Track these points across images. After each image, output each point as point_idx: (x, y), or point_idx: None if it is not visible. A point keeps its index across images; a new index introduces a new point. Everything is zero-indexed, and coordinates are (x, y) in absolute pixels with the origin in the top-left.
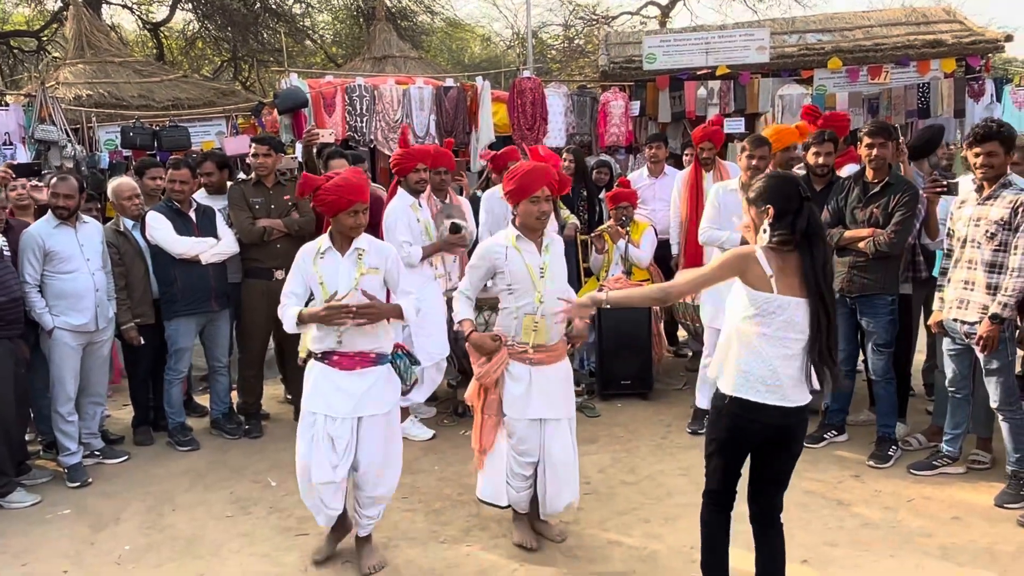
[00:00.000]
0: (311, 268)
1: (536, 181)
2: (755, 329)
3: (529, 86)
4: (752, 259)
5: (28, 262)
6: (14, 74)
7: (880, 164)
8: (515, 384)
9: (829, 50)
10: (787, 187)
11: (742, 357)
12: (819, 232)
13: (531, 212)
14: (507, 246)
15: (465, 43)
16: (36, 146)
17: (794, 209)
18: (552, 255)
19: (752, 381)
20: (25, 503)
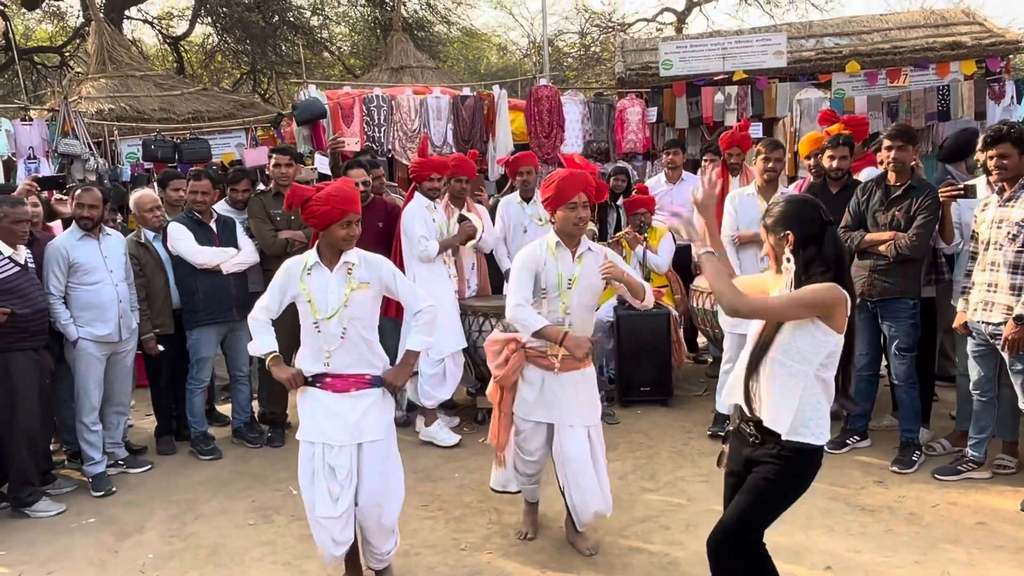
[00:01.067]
0: (298, 285)
1: (573, 187)
2: (829, 374)
3: (546, 94)
4: (842, 299)
5: (53, 274)
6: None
7: (901, 167)
8: (527, 387)
9: (847, 54)
10: (807, 211)
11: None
12: (844, 257)
13: (568, 218)
14: (545, 250)
15: (481, 52)
16: (59, 160)
17: (816, 234)
18: (584, 266)
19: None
20: (50, 512)
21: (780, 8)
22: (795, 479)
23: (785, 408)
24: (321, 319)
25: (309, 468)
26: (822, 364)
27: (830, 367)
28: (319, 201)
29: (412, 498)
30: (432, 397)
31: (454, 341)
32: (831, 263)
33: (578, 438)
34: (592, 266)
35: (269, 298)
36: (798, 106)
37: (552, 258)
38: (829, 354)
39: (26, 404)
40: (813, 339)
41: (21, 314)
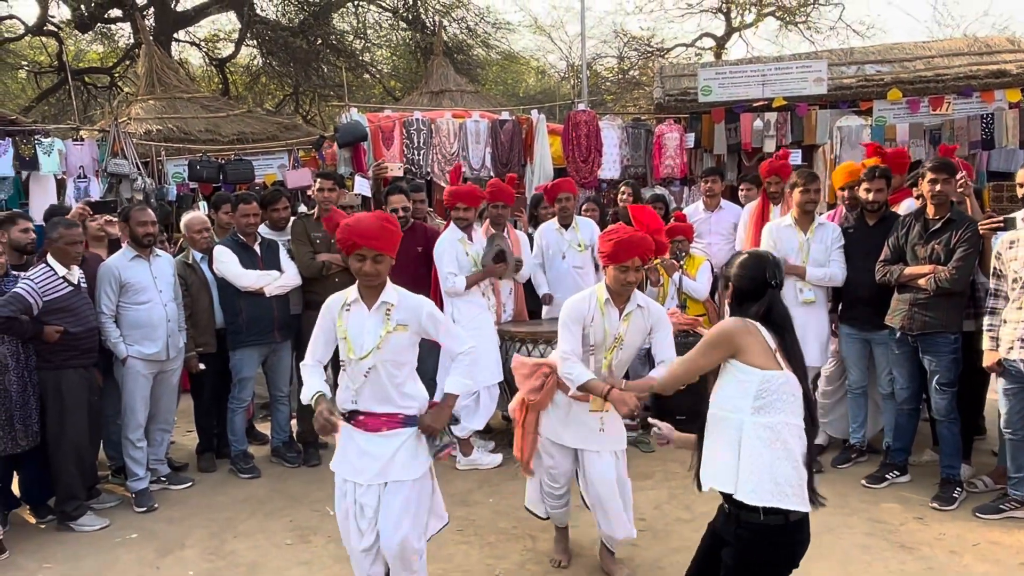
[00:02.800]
0: (335, 320)
1: (629, 251)
2: (779, 418)
3: (584, 119)
4: (751, 331)
5: (105, 293)
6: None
7: (942, 200)
8: (554, 409)
9: (889, 81)
10: (752, 268)
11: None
12: (781, 323)
13: (617, 279)
14: (594, 305)
15: (520, 76)
16: (108, 179)
17: (753, 292)
18: (631, 326)
19: (782, 484)
20: (95, 527)
21: (821, 34)
22: (759, 565)
23: (725, 462)
24: (354, 358)
25: (343, 503)
26: (755, 407)
27: (771, 410)
28: (341, 229)
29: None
30: (465, 428)
31: (491, 373)
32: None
33: (605, 463)
34: (639, 325)
35: (314, 344)
36: (838, 133)
37: (600, 315)
38: (759, 393)
39: (75, 420)
40: (736, 380)
41: (73, 332)
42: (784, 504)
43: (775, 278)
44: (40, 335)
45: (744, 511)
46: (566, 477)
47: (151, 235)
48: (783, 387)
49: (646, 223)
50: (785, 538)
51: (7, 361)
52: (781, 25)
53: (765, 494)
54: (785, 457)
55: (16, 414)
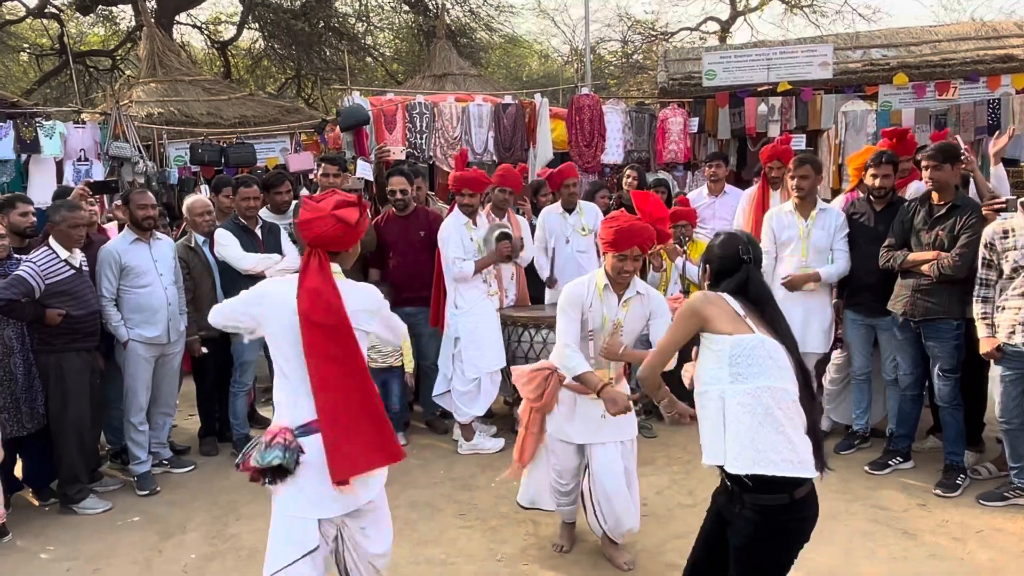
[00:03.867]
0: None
1: (629, 240)
2: (759, 382)
3: (587, 103)
4: (714, 299)
5: (105, 277)
6: (89, 92)
7: (941, 186)
8: (559, 407)
9: (895, 65)
10: (726, 246)
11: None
12: (758, 298)
13: (616, 267)
14: (593, 291)
15: (523, 60)
16: (110, 162)
17: (730, 270)
18: (630, 312)
19: (764, 451)
20: (97, 509)
21: (826, 18)
22: (768, 544)
23: (714, 435)
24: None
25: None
26: (732, 375)
27: (747, 376)
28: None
29: (449, 507)
30: (465, 414)
31: (494, 360)
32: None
33: (611, 455)
34: (638, 312)
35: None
36: (843, 118)
37: (599, 300)
38: (732, 359)
39: (77, 403)
40: (710, 352)
41: (75, 316)
42: (768, 470)
43: (748, 252)
44: (42, 318)
45: (748, 492)
46: (572, 474)
47: (151, 218)
48: (756, 350)
49: (649, 211)
50: (791, 515)
51: (12, 344)
52: (786, 9)
53: (746, 460)
54: (766, 422)
55: (22, 396)
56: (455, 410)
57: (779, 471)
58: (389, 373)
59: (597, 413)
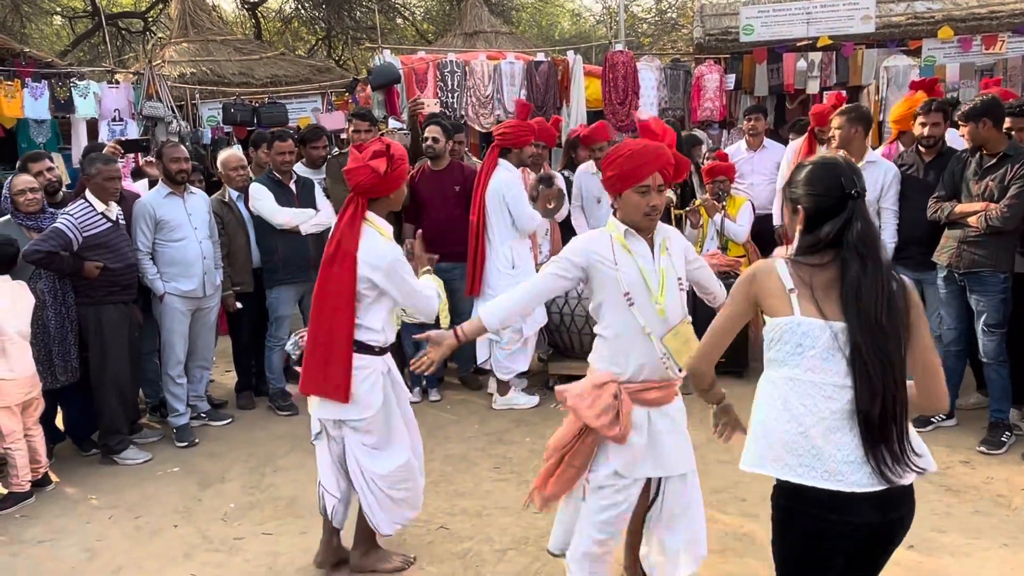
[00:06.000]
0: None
1: (645, 165)
2: (781, 372)
3: (621, 60)
4: (763, 273)
5: (140, 231)
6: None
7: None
8: (633, 434)
9: (940, 19)
10: (825, 179)
11: (761, 415)
12: (858, 247)
13: (638, 206)
14: (611, 244)
15: (555, 19)
16: (144, 122)
17: (831, 208)
18: (672, 256)
19: (776, 448)
20: (138, 460)
21: None
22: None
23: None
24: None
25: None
26: (767, 360)
27: (775, 364)
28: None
29: (485, 460)
30: (509, 371)
31: (541, 316)
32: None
33: (691, 487)
34: (679, 251)
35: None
36: (885, 74)
37: (626, 253)
38: (769, 343)
39: (116, 355)
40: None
41: (112, 268)
42: (780, 474)
43: (854, 186)
44: (80, 271)
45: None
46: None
47: (184, 171)
48: (785, 334)
49: (660, 135)
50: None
51: (45, 297)
52: None
53: (753, 456)
54: (783, 417)
55: (55, 349)
56: (499, 368)
57: (796, 477)
58: (423, 329)
59: (668, 435)
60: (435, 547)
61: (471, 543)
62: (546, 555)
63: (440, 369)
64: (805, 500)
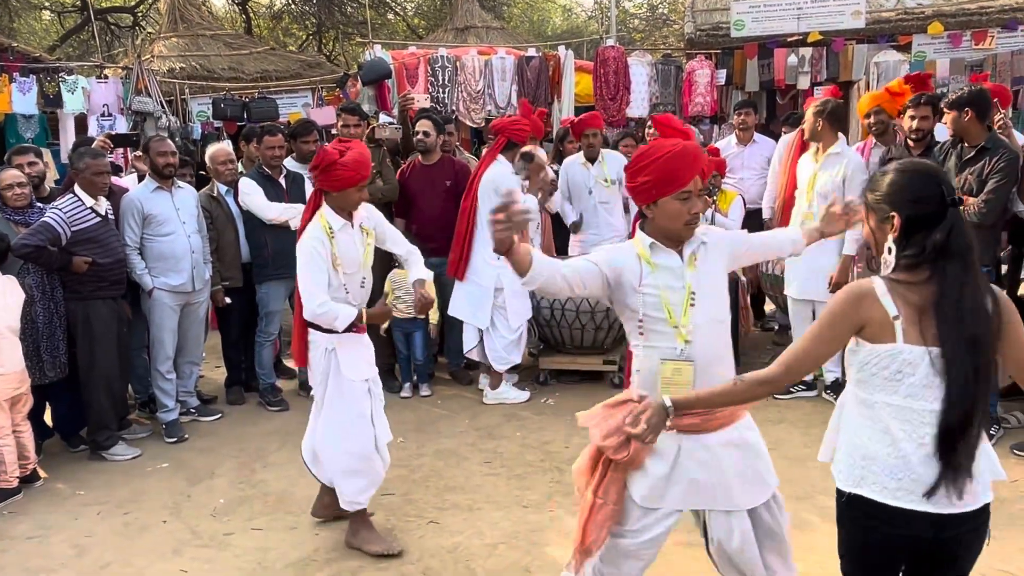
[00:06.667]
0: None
1: (687, 168)
2: (877, 397)
3: (612, 55)
4: (868, 299)
5: (128, 225)
6: (111, 49)
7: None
8: (655, 461)
9: (930, 14)
10: (923, 186)
11: (863, 438)
12: (961, 253)
13: (679, 214)
14: (635, 259)
15: (546, 14)
16: (133, 117)
17: (930, 216)
18: (704, 267)
19: (877, 473)
20: (127, 456)
21: None
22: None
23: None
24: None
25: (366, 403)
26: (856, 379)
27: (868, 386)
28: (346, 166)
29: (475, 455)
30: (506, 361)
31: (528, 309)
32: (928, 251)
33: (742, 528)
34: (713, 265)
35: (319, 277)
36: (875, 69)
37: (650, 268)
38: (861, 365)
39: (105, 351)
40: (850, 352)
41: (101, 263)
42: (879, 497)
43: (951, 193)
44: (68, 266)
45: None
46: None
47: (171, 165)
48: (885, 361)
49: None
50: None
51: (33, 292)
52: None
53: (855, 478)
54: (885, 440)
55: (43, 345)
56: (494, 359)
57: (895, 501)
58: (413, 324)
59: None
60: (425, 541)
61: (461, 537)
62: (537, 549)
63: (429, 364)
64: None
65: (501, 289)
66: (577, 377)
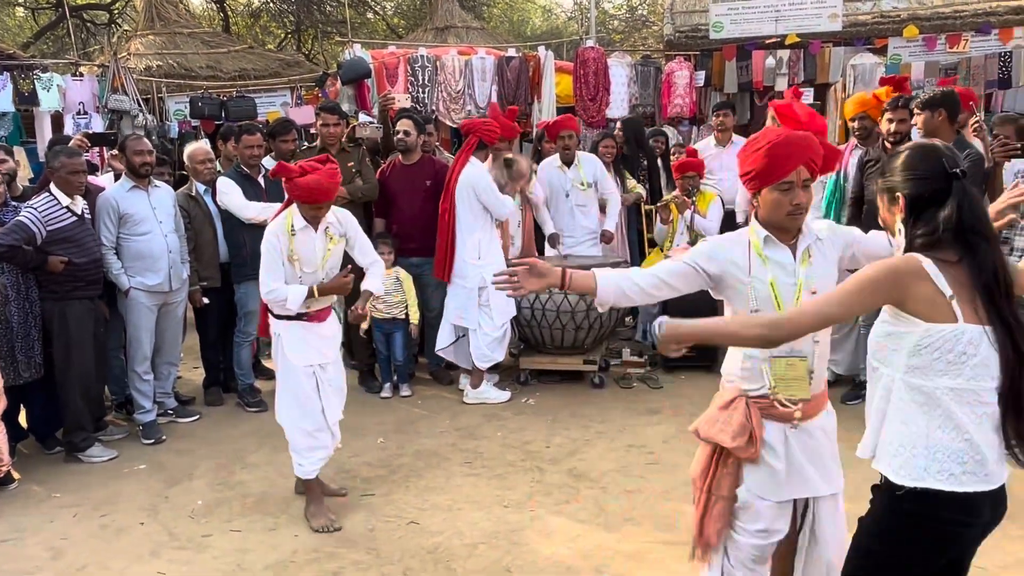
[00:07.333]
0: (287, 244)
1: (789, 158)
2: (938, 382)
3: (592, 56)
4: (919, 274)
5: (104, 224)
6: (87, 47)
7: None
8: (769, 454)
9: (905, 18)
10: (925, 162)
11: (920, 427)
12: (977, 227)
13: (780, 205)
14: (747, 252)
15: (526, 15)
16: (109, 115)
17: (935, 192)
18: (817, 263)
19: (942, 460)
20: (103, 458)
21: None
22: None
23: (871, 424)
24: (307, 272)
25: (312, 383)
26: (909, 366)
27: (929, 372)
28: (299, 187)
29: (455, 455)
30: (489, 359)
31: (510, 310)
32: (941, 227)
33: (836, 509)
34: (823, 264)
35: (274, 267)
36: (852, 71)
37: (761, 263)
38: (915, 349)
39: (81, 351)
40: (888, 326)
41: (78, 263)
42: (947, 485)
43: (956, 165)
44: (44, 265)
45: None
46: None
47: (148, 164)
48: (948, 343)
49: (804, 122)
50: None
51: (7, 292)
52: None
53: (918, 470)
54: (947, 426)
55: (17, 345)
56: (477, 357)
57: (961, 486)
58: (393, 324)
59: (815, 450)
60: (406, 542)
61: (441, 538)
62: (517, 549)
63: (409, 364)
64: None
65: (485, 287)
66: (557, 377)
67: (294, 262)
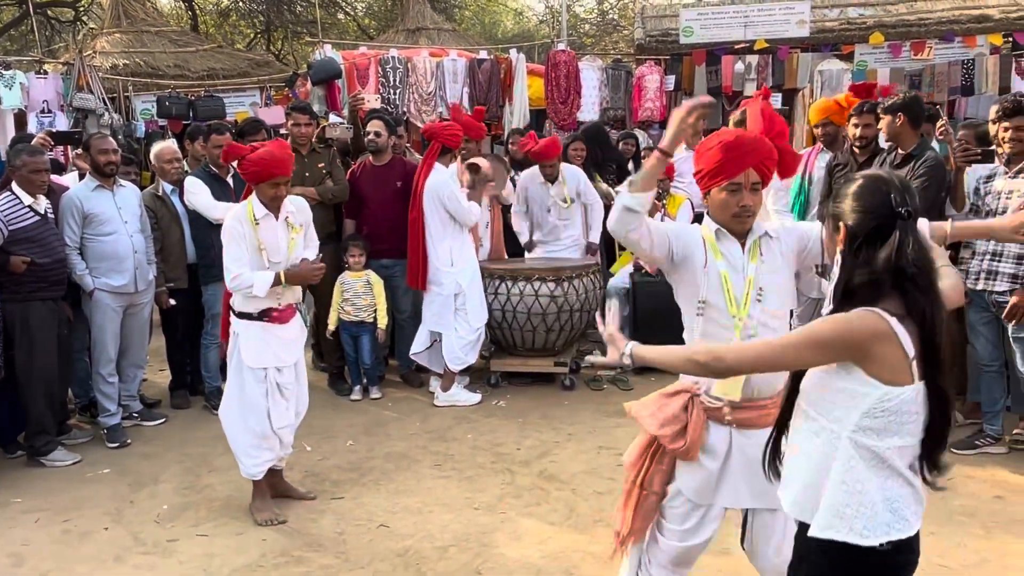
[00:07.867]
0: (251, 233)
1: (742, 158)
2: (888, 442)
3: (563, 59)
4: (886, 336)
5: (68, 224)
6: (51, 44)
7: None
8: (705, 457)
9: (871, 25)
10: (873, 196)
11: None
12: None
13: (727, 205)
14: (700, 244)
15: (497, 17)
16: (74, 114)
17: (878, 231)
18: (767, 260)
19: (899, 509)
20: (66, 462)
21: None
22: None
23: (808, 484)
24: (274, 263)
25: (262, 388)
26: (860, 427)
27: (883, 434)
28: (252, 162)
29: (426, 458)
30: (463, 362)
31: (484, 313)
32: (883, 273)
33: (776, 529)
34: (777, 260)
35: (239, 253)
36: (819, 77)
37: (714, 256)
38: (871, 411)
39: (44, 353)
40: (842, 385)
41: (41, 263)
42: (905, 531)
43: (904, 204)
44: (6, 265)
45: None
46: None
47: (113, 163)
48: (906, 404)
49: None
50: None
51: None
52: None
53: (883, 527)
54: (895, 477)
55: None
56: (450, 359)
57: (914, 528)
58: (360, 327)
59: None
60: (376, 545)
61: (412, 541)
62: (487, 551)
63: (378, 367)
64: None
65: (460, 293)
66: (528, 379)
67: (261, 251)
